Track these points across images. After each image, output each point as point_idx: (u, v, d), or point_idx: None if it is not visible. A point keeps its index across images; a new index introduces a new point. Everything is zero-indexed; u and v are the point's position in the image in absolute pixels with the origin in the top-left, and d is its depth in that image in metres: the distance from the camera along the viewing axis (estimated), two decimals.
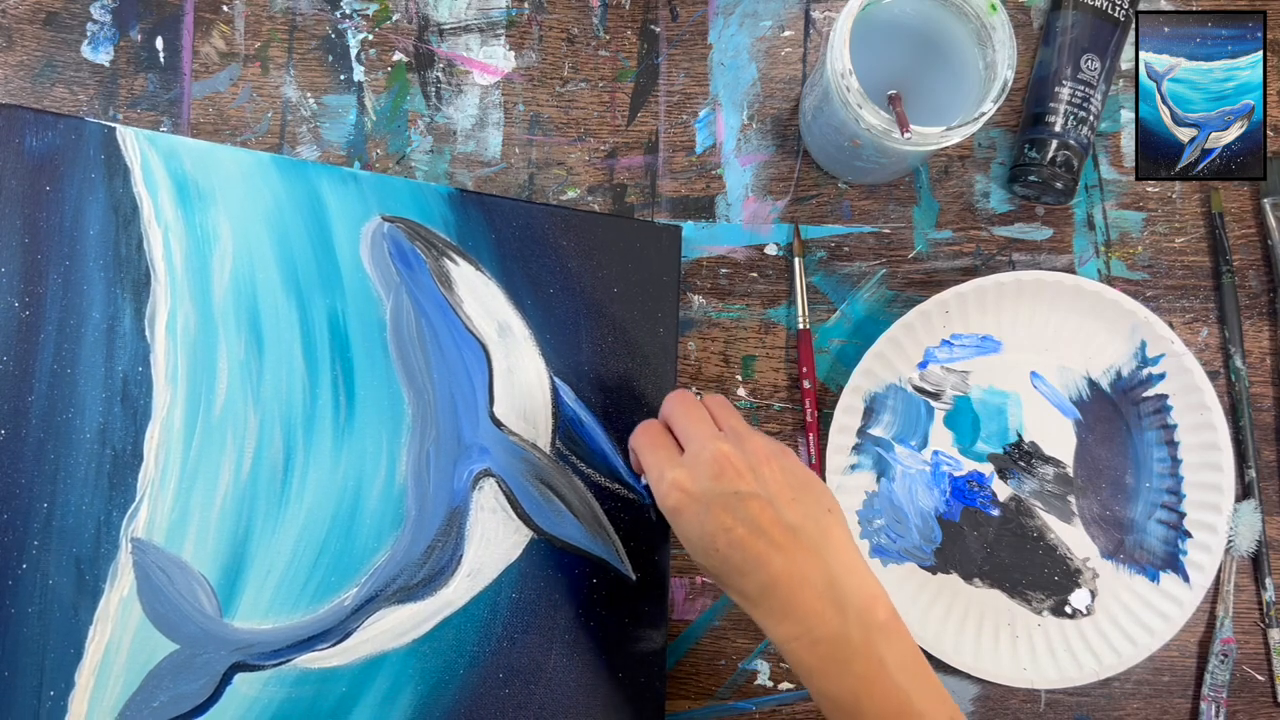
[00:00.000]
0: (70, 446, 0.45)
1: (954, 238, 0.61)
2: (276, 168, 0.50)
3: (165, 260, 0.47)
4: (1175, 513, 0.59)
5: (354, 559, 0.49)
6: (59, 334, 0.45)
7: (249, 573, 0.47)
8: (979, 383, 0.60)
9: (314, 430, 0.49)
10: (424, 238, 0.52)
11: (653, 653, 0.54)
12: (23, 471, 0.44)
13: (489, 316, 0.53)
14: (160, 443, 0.46)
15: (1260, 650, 0.60)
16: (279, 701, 0.47)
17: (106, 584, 0.45)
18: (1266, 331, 0.62)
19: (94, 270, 0.46)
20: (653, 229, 0.57)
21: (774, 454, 0.46)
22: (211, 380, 0.47)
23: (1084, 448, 0.59)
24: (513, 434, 0.53)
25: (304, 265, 0.50)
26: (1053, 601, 0.58)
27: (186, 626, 0.46)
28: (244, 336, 0.48)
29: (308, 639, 0.48)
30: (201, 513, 0.47)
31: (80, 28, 0.60)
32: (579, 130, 0.61)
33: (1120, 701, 0.59)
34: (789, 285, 0.60)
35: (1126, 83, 0.62)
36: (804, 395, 0.59)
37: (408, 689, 0.49)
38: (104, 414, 0.45)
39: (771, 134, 0.61)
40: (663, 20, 0.62)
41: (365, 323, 0.50)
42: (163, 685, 0.45)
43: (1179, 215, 0.62)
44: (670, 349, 0.56)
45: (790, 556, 0.43)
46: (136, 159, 0.48)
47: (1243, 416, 0.60)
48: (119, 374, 0.46)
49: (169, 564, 0.46)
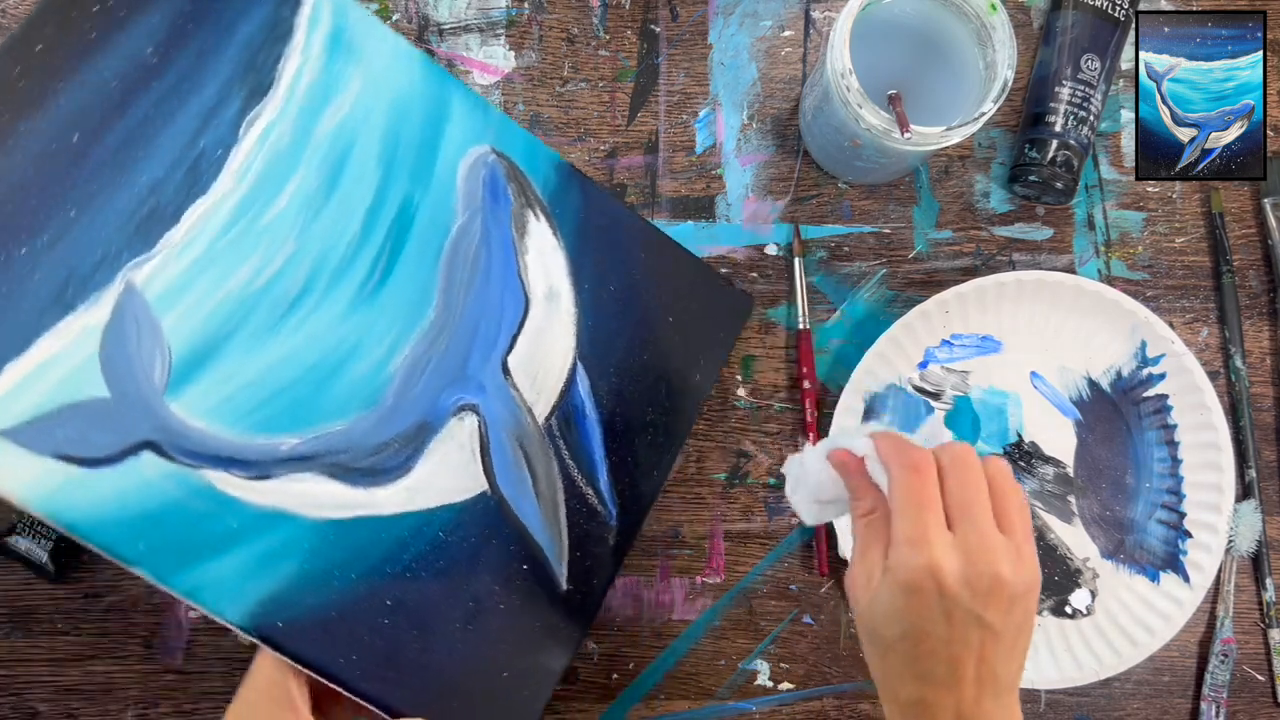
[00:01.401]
0: (124, 177, 0.45)
1: (954, 238, 0.61)
2: (423, 63, 0.52)
3: (291, 82, 0.49)
4: (1175, 513, 0.59)
5: (310, 413, 0.48)
6: (169, 88, 0.46)
7: (209, 371, 0.46)
8: (979, 383, 0.60)
9: (338, 283, 0.49)
10: (519, 182, 0.53)
11: (548, 670, 0.51)
12: (77, 174, 0.44)
13: (544, 276, 0.52)
14: (200, 218, 0.46)
15: (1260, 650, 0.60)
16: (170, 500, 0.44)
17: (82, 306, 0.44)
18: (1266, 331, 0.62)
19: (227, 61, 0.48)
20: (730, 289, 0.57)
21: (1031, 589, 0.41)
22: (274, 194, 0.48)
23: (1084, 448, 0.59)
24: (515, 388, 0.52)
25: (405, 149, 0.51)
26: (1053, 601, 0.58)
27: (127, 383, 0.44)
28: (322, 175, 0.49)
29: (228, 458, 0.46)
30: (199, 295, 0.46)
31: None
32: (579, 130, 0.61)
33: (1120, 701, 0.59)
34: (789, 285, 0.60)
35: (1126, 83, 0.62)
36: (804, 395, 0.59)
37: (293, 560, 0.46)
38: (167, 170, 0.46)
39: (771, 134, 0.61)
40: (663, 20, 0.62)
41: (433, 223, 0.51)
42: (74, 422, 0.43)
43: (1179, 215, 0.62)
44: (697, 397, 0.56)
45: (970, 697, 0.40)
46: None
47: (1243, 416, 0.60)
48: (200, 146, 0.47)
49: (146, 320, 0.45)
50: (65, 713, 0.56)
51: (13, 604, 0.57)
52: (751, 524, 0.59)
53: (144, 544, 0.44)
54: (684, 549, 0.59)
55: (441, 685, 0.48)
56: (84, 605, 0.57)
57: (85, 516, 0.43)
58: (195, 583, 0.45)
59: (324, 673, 0.46)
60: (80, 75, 0.45)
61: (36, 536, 0.55)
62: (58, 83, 0.44)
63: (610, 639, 0.58)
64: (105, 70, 0.45)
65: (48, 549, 0.56)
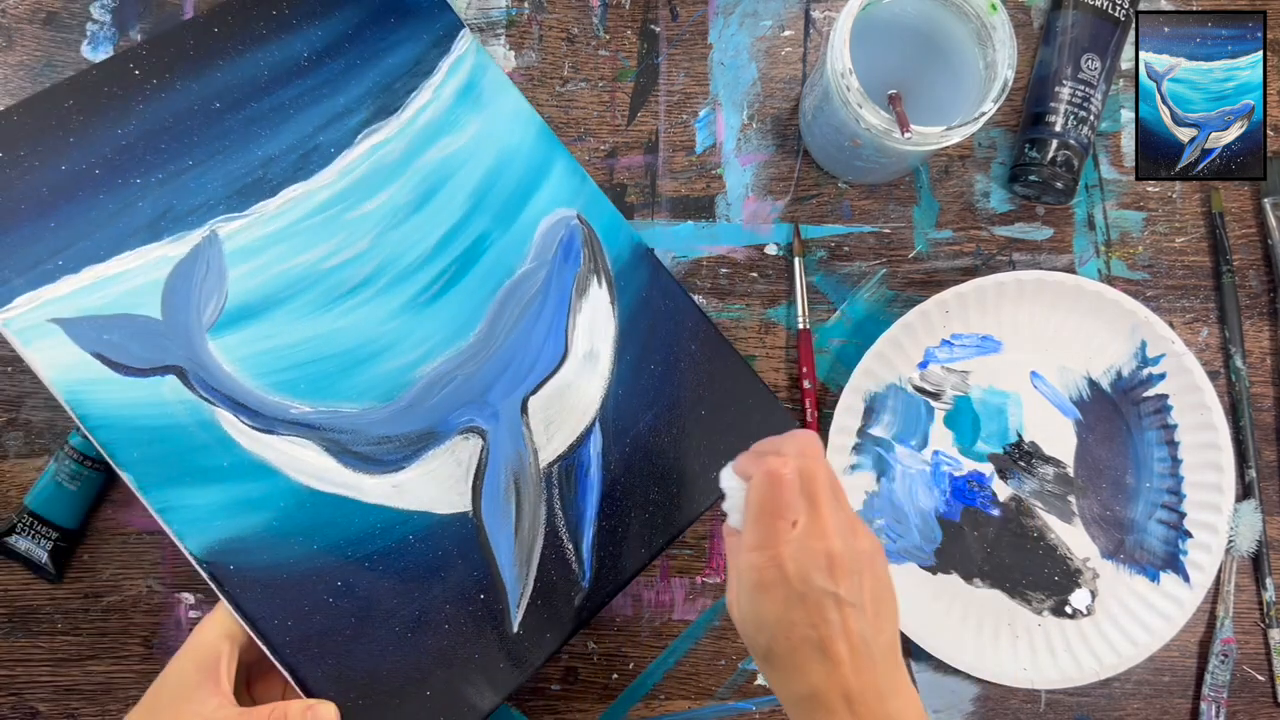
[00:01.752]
0: (245, 147, 0.52)
1: (954, 237, 0.61)
2: (537, 126, 0.57)
3: (415, 113, 0.55)
4: (1175, 513, 0.59)
5: (329, 389, 0.51)
6: (310, 88, 0.54)
7: (255, 325, 0.51)
8: (979, 383, 0.60)
9: (396, 286, 0.53)
10: (593, 248, 0.57)
11: (472, 706, 0.50)
12: (207, 134, 0.52)
13: (589, 337, 0.55)
14: (296, 198, 0.52)
15: (1260, 650, 0.60)
16: (177, 424, 0.49)
17: (168, 238, 0.50)
18: (1266, 331, 0.62)
19: (367, 80, 0.55)
20: (773, 403, 0.57)
21: (874, 556, 0.43)
22: (366, 196, 0.54)
23: (1084, 448, 0.59)
24: (528, 426, 0.54)
25: (497, 193, 0.56)
26: (1053, 601, 0.58)
27: (181, 313, 0.50)
28: (415, 194, 0.54)
29: (241, 404, 0.50)
30: (270, 259, 0.52)
31: (80, 28, 0.60)
32: (579, 130, 0.61)
33: (1120, 701, 0.59)
34: (789, 285, 0.60)
35: (1126, 83, 0.62)
36: (804, 395, 0.59)
37: (265, 513, 0.49)
38: (284, 152, 0.53)
39: (771, 134, 0.61)
40: (663, 20, 0.62)
41: (500, 261, 0.55)
42: (122, 330, 0.49)
43: (1179, 215, 0.62)
44: (706, 497, 0.55)
45: (850, 672, 0.41)
46: (459, 50, 0.57)
47: (1243, 416, 0.60)
48: (317, 141, 0.53)
49: (217, 268, 0.51)
50: (65, 713, 0.56)
51: (13, 604, 0.57)
52: None
53: (138, 453, 0.48)
54: (684, 549, 0.59)
55: (362, 680, 0.49)
56: (84, 605, 0.57)
57: (99, 412, 0.48)
58: (170, 503, 0.48)
59: (256, 629, 0.48)
60: (242, 58, 0.53)
61: (36, 536, 0.55)
62: (221, 59, 0.53)
63: (610, 638, 0.58)
64: (263, 61, 0.53)
65: (48, 549, 0.56)
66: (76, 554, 0.57)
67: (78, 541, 0.57)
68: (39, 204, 0.49)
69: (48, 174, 0.49)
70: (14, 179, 0.49)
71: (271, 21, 0.54)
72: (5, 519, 0.57)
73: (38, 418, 0.57)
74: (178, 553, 0.57)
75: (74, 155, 0.50)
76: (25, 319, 0.48)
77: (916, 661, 0.59)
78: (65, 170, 0.49)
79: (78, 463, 0.56)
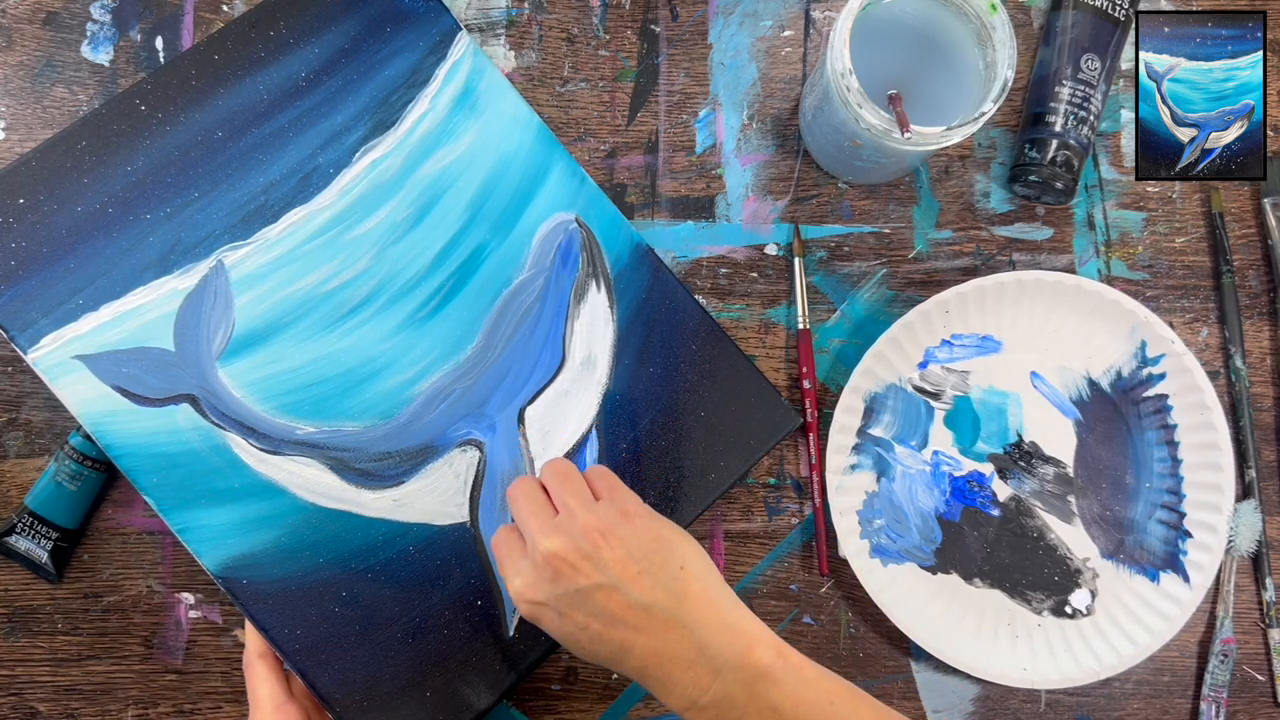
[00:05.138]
0: (247, 175, 0.53)
1: (954, 238, 0.61)
2: (535, 128, 0.57)
3: (411, 126, 0.55)
4: (1175, 513, 0.59)
5: (332, 410, 0.53)
6: (309, 108, 0.54)
7: (261, 350, 0.53)
8: (979, 383, 0.60)
9: (395, 304, 0.54)
10: (592, 252, 0.57)
11: (469, 705, 0.52)
12: (211, 165, 0.53)
13: (587, 344, 0.56)
14: (297, 222, 0.54)
15: (1260, 650, 0.60)
16: (191, 449, 0.51)
17: (177, 271, 0.52)
18: (1266, 331, 0.62)
19: (364, 95, 0.55)
20: (778, 402, 0.57)
21: (608, 527, 0.43)
22: (366, 215, 0.54)
23: (1084, 448, 0.59)
24: (524, 436, 0.54)
25: (494, 202, 0.56)
26: (1053, 601, 0.58)
27: (191, 344, 0.52)
28: (413, 209, 0.55)
29: (250, 428, 0.52)
30: (274, 285, 0.53)
31: (80, 28, 0.60)
32: (579, 130, 0.61)
33: (1120, 701, 0.59)
34: (789, 285, 0.60)
35: (1126, 83, 0.62)
36: (804, 395, 0.59)
37: (274, 530, 0.52)
38: (284, 176, 0.54)
39: (771, 134, 0.61)
40: (663, 20, 0.62)
41: (497, 272, 0.56)
42: (138, 363, 0.51)
43: (1179, 215, 0.62)
44: (707, 495, 0.56)
45: (650, 636, 0.42)
46: (455, 55, 0.56)
47: (1243, 416, 0.60)
48: (317, 161, 0.54)
49: (224, 296, 0.52)
50: (65, 713, 0.56)
51: (13, 604, 0.57)
52: (751, 524, 0.59)
53: (158, 478, 0.51)
54: None
55: (366, 682, 0.51)
56: (84, 605, 0.57)
57: (120, 441, 0.51)
58: (188, 523, 0.51)
59: (269, 638, 0.51)
60: (242, 84, 0.54)
61: (36, 536, 0.55)
62: (222, 87, 0.53)
63: None
64: (262, 85, 0.54)
65: (48, 549, 0.56)
66: (76, 554, 0.57)
67: (78, 541, 0.57)
68: (59, 246, 0.51)
69: (66, 216, 0.51)
70: (36, 224, 0.51)
71: (270, 43, 0.54)
72: (5, 519, 0.57)
73: (38, 418, 0.57)
74: (178, 553, 0.57)
75: (89, 196, 0.52)
76: (52, 357, 0.50)
77: (916, 661, 0.59)
78: (81, 211, 0.51)
79: (78, 463, 0.56)
